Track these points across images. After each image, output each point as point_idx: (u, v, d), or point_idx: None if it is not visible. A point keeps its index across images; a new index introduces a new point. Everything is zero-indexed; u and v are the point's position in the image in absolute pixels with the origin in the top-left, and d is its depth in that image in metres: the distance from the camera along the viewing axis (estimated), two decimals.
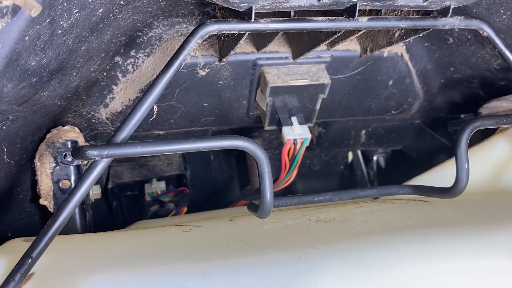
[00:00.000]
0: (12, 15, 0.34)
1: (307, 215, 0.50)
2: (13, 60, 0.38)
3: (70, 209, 0.39)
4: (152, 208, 0.79)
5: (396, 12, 0.50)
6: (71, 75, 0.51)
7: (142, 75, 0.59)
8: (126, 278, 0.39)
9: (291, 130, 0.63)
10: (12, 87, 0.41)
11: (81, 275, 0.40)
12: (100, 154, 0.38)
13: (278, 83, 0.61)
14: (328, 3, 0.43)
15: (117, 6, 0.47)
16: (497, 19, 0.55)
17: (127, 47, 0.57)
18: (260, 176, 0.41)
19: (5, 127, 0.47)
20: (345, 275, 0.40)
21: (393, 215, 0.49)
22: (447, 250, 0.42)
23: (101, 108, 0.60)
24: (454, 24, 0.48)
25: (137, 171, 0.79)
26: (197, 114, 0.65)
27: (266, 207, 0.42)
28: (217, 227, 0.50)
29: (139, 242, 0.47)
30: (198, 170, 0.89)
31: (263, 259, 0.41)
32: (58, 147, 0.55)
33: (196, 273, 0.39)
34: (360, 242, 0.43)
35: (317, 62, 0.63)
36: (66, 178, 0.55)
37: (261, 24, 0.43)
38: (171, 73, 0.41)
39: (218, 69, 0.60)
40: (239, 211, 0.59)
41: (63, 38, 0.43)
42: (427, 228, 0.45)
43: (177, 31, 0.57)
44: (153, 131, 0.66)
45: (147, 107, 0.40)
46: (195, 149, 0.39)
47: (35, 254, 0.39)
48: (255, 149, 0.40)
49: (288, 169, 0.64)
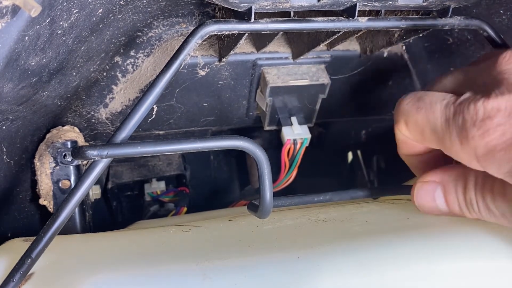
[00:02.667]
0: (11, 15, 0.34)
1: (307, 215, 0.50)
2: (13, 60, 0.38)
3: (70, 209, 0.39)
4: (152, 208, 0.79)
5: (396, 13, 0.50)
6: (70, 75, 0.51)
7: (142, 75, 0.59)
8: (126, 278, 0.39)
9: (291, 130, 0.64)
10: (11, 87, 0.41)
11: (81, 275, 0.40)
12: (99, 154, 0.38)
13: (278, 83, 0.61)
14: (328, 3, 0.43)
15: (117, 6, 0.47)
16: (497, 19, 0.55)
17: (127, 47, 0.57)
18: (260, 177, 0.41)
19: (4, 127, 0.47)
20: (345, 275, 0.40)
21: (393, 215, 0.49)
22: (447, 250, 0.42)
23: (100, 108, 0.60)
24: (454, 24, 0.48)
25: (136, 171, 0.80)
26: (196, 114, 0.65)
27: (266, 207, 0.42)
28: (217, 227, 0.50)
29: (139, 242, 0.47)
30: (198, 170, 0.89)
31: (263, 259, 0.41)
32: (57, 147, 0.55)
33: (195, 273, 0.39)
34: (359, 242, 0.43)
35: (317, 62, 0.63)
36: (66, 178, 0.55)
37: (261, 24, 0.43)
38: (170, 73, 0.41)
39: (217, 69, 0.60)
40: (239, 211, 0.59)
41: (62, 38, 0.43)
42: (427, 229, 0.45)
43: (177, 31, 0.57)
44: (153, 131, 0.66)
45: (147, 107, 0.40)
46: (194, 149, 0.39)
47: (35, 254, 0.39)
48: (255, 149, 0.40)
49: (288, 169, 0.64)
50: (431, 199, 0.44)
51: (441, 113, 0.39)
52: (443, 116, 0.39)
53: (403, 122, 0.42)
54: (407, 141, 0.44)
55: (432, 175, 0.44)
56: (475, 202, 0.41)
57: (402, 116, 0.42)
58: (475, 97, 0.37)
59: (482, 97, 0.37)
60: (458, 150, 0.38)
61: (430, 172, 0.44)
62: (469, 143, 0.37)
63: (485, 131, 0.36)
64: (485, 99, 0.36)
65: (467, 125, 0.37)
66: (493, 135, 0.36)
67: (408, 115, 0.42)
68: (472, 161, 0.38)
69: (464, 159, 0.38)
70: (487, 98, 0.36)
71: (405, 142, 0.44)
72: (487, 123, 0.36)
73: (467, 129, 0.37)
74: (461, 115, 0.37)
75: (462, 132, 0.37)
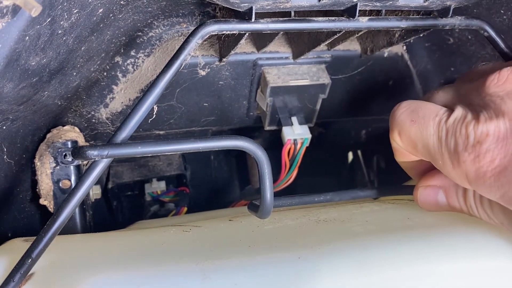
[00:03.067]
0: (12, 15, 0.34)
1: (307, 215, 0.50)
2: (13, 60, 0.38)
3: (70, 209, 0.39)
4: (152, 208, 0.79)
5: (397, 13, 0.50)
6: (71, 75, 0.51)
7: (142, 75, 0.59)
8: (126, 278, 0.39)
9: (291, 130, 0.64)
10: (12, 87, 0.41)
11: (81, 275, 0.40)
12: (100, 154, 0.38)
13: (279, 83, 0.61)
14: (329, 3, 0.43)
15: (117, 6, 0.47)
16: (498, 19, 0.55)
17: (127, 47, 0.57)
18: (260, 177, 0.41)
19: (5, 127, 0.47)
20: (345, 276, 0.40)
21: (393, 216, 0.49)
22: (448, 250, 0.42)
23: (101, 108, 0.60)
24: (455, 24, 0.48)
25: (137, 171, 0.80)
26: (197, 114, 0.65)
27: (266, 207, 0.42)
28: (217, 227, 0.50)
29: (139, 242, 0.47)
30: (198, 170, 0.89)
31: (263, 259, 0.41)
32: (58, 147, 0.55)
33: (196, 273, 0.39)
34: (360, 242, 0.43)
35: (318, 62, 0.63)
36: (66, 178, 0.55)
37: (262, 24, 0.43)
38: (171, 73, 0.41)
39: (218, 69, 0.60)
40: (239, 211, 0.59)
41: (63, 38, 0.43)
42: (427, 229, 0.45)
43: (178, 31, 0.57)
44: (153, 131, 0.66)
45: (147, 107, 0.40)
46: (195, 149, 0.39)
47: (35, 254, 0.39)
48: (255, 149, 0.40)
49: (288, 169, 0.64)
50: (434, 202, 0.44)
51: (434, 131, 0.40)
52: (436, 134, 0.40)
53: (396, 133, 0.43)
54: (401, 150, 0.44)
55: (434, 179, 0.45)
56: (475, 208, 0.42)
57: (396, 126, 0.43)
58: (466, 117, 0.38)
59: (472, 119, 0.38)
60: (450, 171, 0.39)
61: (432, 176, 0.45)
62: (461, 167, 0.38)
63: (475, 156, 0.37)
64: (475, 123, 0.37)
65: (459, 149, 0.38)
66: (483, 161, 0.36)
67: (402, 127, 0.42)
68: (464, 183, 0.39)
69: (456, 180, 0.39)
70: (477, 121, 0.37)
71: (399, 151, 0.45)
72: (477, 149, 0.37)
73: (459, 152, 0.38)
74: (453, 138, 0.38)
75: (454, 155, 0.38)
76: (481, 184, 0.37)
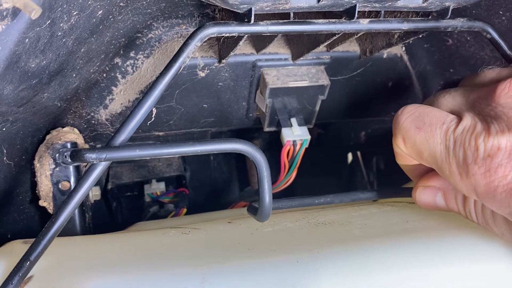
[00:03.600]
0: (12, 17, 0.34)
1: (306, 218, 0.50)
2: (13, 62, 0.38)
3: (70, 210, 0.39)
4: (151, 209, 0.79)
5: (395, 13, 0.50)
6: (70, 77, 0.51)
7: (141, 77, 0.59)
8: (125, 282, 0.39)
9: (291, 131, 0.63)
10: (12, 89, 0.41)
11: (80, 277, 0.40)
12: (98, 158, 0.38)
13: (278, 85, 0.61)
14: (328, 4, 0.43)
15: (116, 8, 0.47)
16: (496, 20, 0.55)
17: (127, 49, 0.57)
18: (259, 180, 0.41)
19: (5, 128, 0.47)
20: (343, 279, 0.40)
21: (392, 219, 0.49)
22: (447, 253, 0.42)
23: (100, 109, 0.60)
24: (457, 26, 0.48)
25: (136, 172, 0.80)
26: (196, 115, 0.65)
27: (265, 210, 0.42)
28: (216, 229, 0.50)
29: (138, 245, 0.47)
30: (198, 171, 0.89)
31: (262, 262, 0.41)
32: (57, 149, 0.55)
33: (194, 277, 0.39)
34: (359, 245, 0.43)
35: (317, 64, 0.63)
36: (65, 180, 0.55)
37: (261, 26, 0.43)
38: (170, 75, 0.41)
39: (217, 71, 0.60)
40: (238, 213, 0.59)
41: (63, 40, 0.43)
42: (426, 232, 0.45)
43: (177, 33, 0.57)
44: (152, 132, 0.66)
45: (146, 109, 0.40)
46: (193, 153, 0.39)
47: (34, 256, 0.38)
48: (254, 152, 0.40)
49: (288, 170, 0.63)
50: (432, 203, 0.44)
51: (441, 140, 0.39)
52: (443, 143, 0.39)
53: (400, 138, 0.42)
54: (404, 155, 0.44)
55: (433, 180, 0.44)
56: (474, 214, 0.42)
57: (400, 132, 0.42)
58: (476, 127, 0.37)
59: (482, 130, 0.37)
60: (458, 182, 0.38)
61: (431, 176, 0.44)
62: (470, 179, 0.37)
63: (486, 170, 0.36)
64: (485, 135, 0.36)
65: (468, 161, 0.37)
66: (494, 175, 0.35)
67: (407, 133, 0.41)
68: (471, 195, 0.38)
69: (463, 190, 0.38)
70: (487, 133, 0.36)
71: (402, 155, 0.44)
72: (488, 162, 0.36)
73: (468, 165, 0.37)
74: (461, 149, 0.37)
75: (463, 166, 0.37)
76: (491, 199, 0.36)
